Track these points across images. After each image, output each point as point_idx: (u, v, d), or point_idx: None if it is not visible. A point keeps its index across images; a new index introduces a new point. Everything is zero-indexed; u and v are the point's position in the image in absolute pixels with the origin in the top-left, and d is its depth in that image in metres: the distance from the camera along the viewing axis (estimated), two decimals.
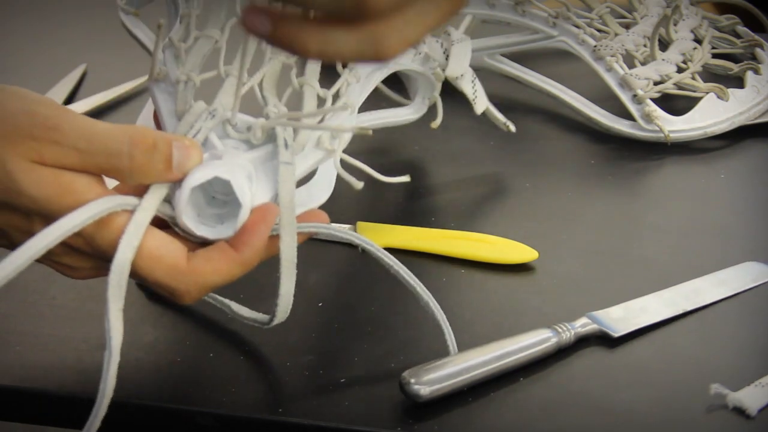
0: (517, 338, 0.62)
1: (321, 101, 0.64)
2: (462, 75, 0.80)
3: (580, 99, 0.93)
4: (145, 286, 0.67)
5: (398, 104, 0.82)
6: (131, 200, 0.54)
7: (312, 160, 0.61)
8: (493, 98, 0.84)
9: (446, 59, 0.79)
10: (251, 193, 0.56)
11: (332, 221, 0.75)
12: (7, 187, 0.53)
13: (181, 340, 0.65)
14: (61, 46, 1.11)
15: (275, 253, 0.57)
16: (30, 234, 0.53)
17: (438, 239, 0.74)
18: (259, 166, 0.58)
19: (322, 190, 0.62)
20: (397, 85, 0.82)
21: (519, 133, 0.85)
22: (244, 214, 0.56)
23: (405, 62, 0.76)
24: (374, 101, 0.76)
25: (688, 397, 0.60)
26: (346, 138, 0.63)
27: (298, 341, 0.66)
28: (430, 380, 0.58)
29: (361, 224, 0.75)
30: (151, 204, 0.55)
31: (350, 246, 0.75)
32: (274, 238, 0.57)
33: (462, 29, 0.81)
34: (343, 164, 0.63)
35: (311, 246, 0.62)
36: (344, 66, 0.67)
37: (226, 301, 0.65)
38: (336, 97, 0.65)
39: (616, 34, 0.94)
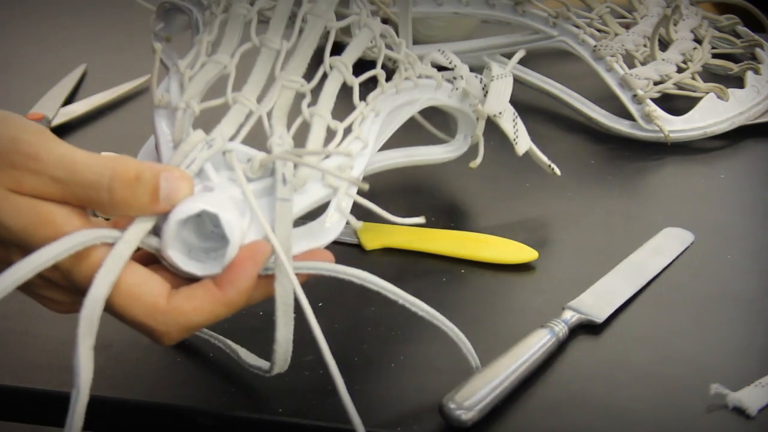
0: (524, 343, 0.62)
1: (332, 134, 0.60)
2: (501, 113, 0.75)
3: (580, 99, 0.93)
4: None
5: (440, 140, 0.77)
6: (113, 233, 0.51)
7: (315, 197, 0.57)
8: None
9: (485, 95, 0.75)
10: (241, 229, 0.52)
11: None
12: None
13: (181, 340, 0.65)
14: (61, 46, 1.11)
15: (270, 294, 0.54)
16: (7, 264, 0.50)
17: (438, 239, 0.74)
18: (257, 199, 0.54)
19: (330, 228, 0.57)
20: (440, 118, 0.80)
21: None
22: (231, 251, 0.52)
23: (441, 98, 0.73)
24: (417, 134, 0.75)
25: (688, 397, 0.60)
26: (355, 174, 0.59)
27: (298, 341, 0.66)
28: (470, 404, 0.58)
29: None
30: (133, 237, 0.51)
31: (350, 246, 0.75)
32: (270, 278, 0.53)
33: (509, 67, 0.77)
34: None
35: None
36: (361, 99, 0.63)
37: (233, 345, 0.63)
38: (348, 131, 0.61)
39: (616, 34, 0.94)
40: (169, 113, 0.58)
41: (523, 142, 0.77)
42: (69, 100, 0.97)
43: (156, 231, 0.52)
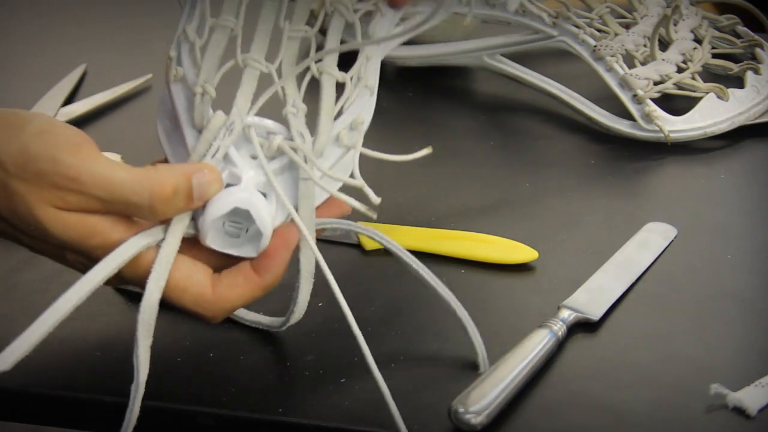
0: (526, 344, 0.62)
1: (340, 86, 0.62)
2: None
3: (580, 99, 0.93)
4: (123, 290, 0.69)
5: None
6: (157, 235, 0.56)
7: (332, 160, 0.60)
8: (493, 98, 0.84)
9: None
10: (271, 218, 0.57)
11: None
12: (37, 228, 0.56)
13: (181, 340, 0.65)
14: (61, 46, 1.11)
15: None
16: (63, 259, 0.58)
17: (438, 239, 0.74)
18: (279, 175, 0.58)
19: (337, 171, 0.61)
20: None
21: (519, 133, 0.85)
22: (265, 241, 0.57)
23: None
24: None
25: (688, 397, 0.60)
26: (364, 130, 0.61)
27: (298, 341, 0.66)
28: (480, 408, 0.58)
29: (361, 224, 0.75)
30: (175, 239, 0.56)
31: (350, 246, 0.75)
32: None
33: None
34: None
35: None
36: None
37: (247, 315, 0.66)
38: (357, 78, 0.63)
39: (616, 34, 0.94)
40: (184, 88, 0.60)
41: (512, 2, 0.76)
42: (69, 100, 0.97)
43: (193, 216, 0.57)
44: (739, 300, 0.69)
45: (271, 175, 0.57)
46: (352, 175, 0.58)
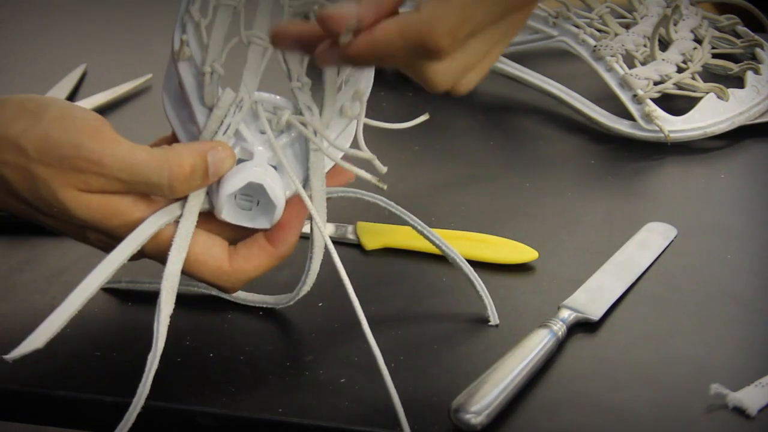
0: (526, 344, 0.62)
1: None
2: None
3: (580, 99, 0.93)
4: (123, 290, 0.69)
5: None
6: (174, 211, 0.59)
7: (338, 130, 0.62)
8: (493, 98, 0.84)
9: None
10: (283, 191, 0.59)
11: (332, 221, 0.75)
12: (60, 210, 0.58)
13: (181, 340, 0.65)
14: (61, 46, 1.11)
15: None
16: (84, 238, 0.60)
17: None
18: (289, 148, 0.61)
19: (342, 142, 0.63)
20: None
21: (519, 133, 0.85)
22: (278, 213, 0.60)
23: None
24: None
25: (688, 397, 0.60)
26: (365, 100, 0.63)
27: (298, 341, 0.66)
28: (480, 408, 0.58)
29: (361, 224, 0.75)
30: (192, 214, 0.59)
31: (350, 246, 0.75)
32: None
33: None
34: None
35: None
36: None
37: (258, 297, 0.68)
38: None
39: (616, 34, 0.94)
40: (192, 66, 0.62)
41: None
42: (69, 100, 0.97)
43: (207, 192, 0.60)
44: (739, 300, 0.69)
45: (279, 150, 0.59)
46: (357, 147, 0.60)
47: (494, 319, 0.66)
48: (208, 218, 0.60)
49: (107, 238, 0.59)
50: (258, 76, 0.61)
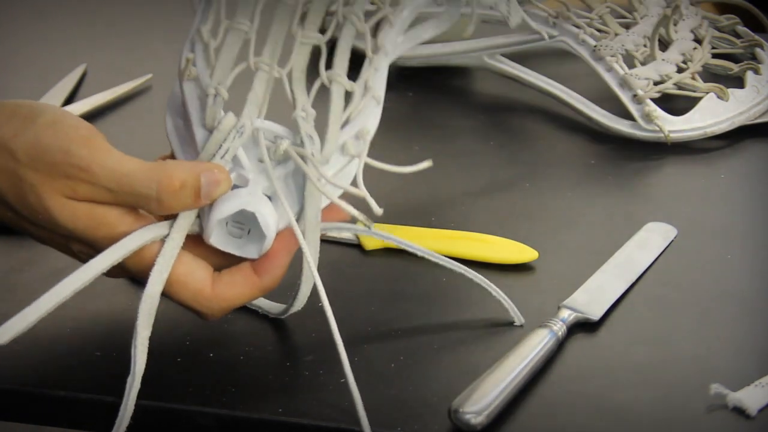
0: (526, 344, 0.62)
1: (349, 95, 0.64)
2: (497, 3, 0.77)
3: (580, 99, 0.93)
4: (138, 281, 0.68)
5: None
6: (161, 230, 0.58)
7: (336, 167, 0.61)
8: (493, 98, 0.84)
9: None
10: (275, 222, 0.58)
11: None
12: (46, 218, 0.57)
13: (181, 340, 0.65)
14: (61, 46, 1.11)
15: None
16: (68, 249, 0.59)
17: (438, 239, 0.74)
18: (286, 179, 0.60)
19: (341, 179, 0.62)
20: None
21: (519, 133, 0.85)
22: (267, 244, 0.59)
23: None
24: None
25: (688, 397, 0.60)
26: (369, 140, 0.62)
27: (298, 341, 0.66)
28: (480, 408, 0.58)
29: (361, 224, 0.75)
30: (179, 234, 0.58)
31: (350, 246, 0.75)
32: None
33: None
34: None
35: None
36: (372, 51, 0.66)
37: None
38: (365, 88, 0.64)
39: (616, 34, 0.94)
40: (197, 87, 0.61)
41: (515, 16, 0.77)
42: (69, 100, 0.97)
43: (198, 215, 0.59)
44: (739, 300, 0.69)
45: (275, 180, 0.58)
46: (355, 184, 0.59)
47: (519, 319, 0.66)
48: (196, 242, 0.59)
49: (91, 250, 0.58)
50: (263, 103, 0.60)
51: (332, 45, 0.64)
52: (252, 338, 0.65)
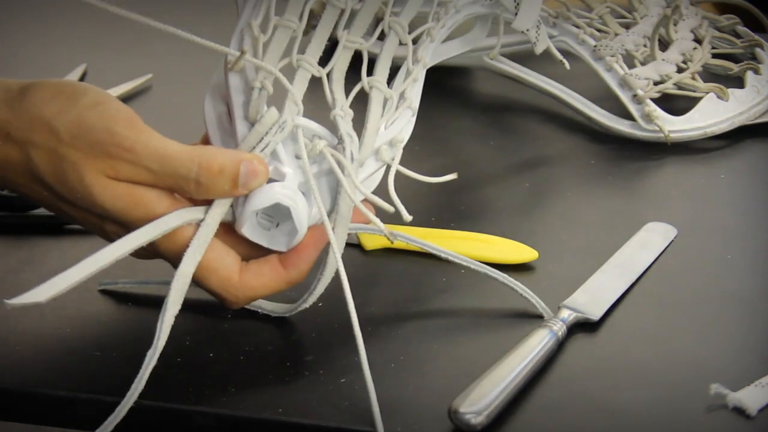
0: (526, 344, 0.62)
1: (385, 102, 0.66)
2: (529, 29, 0.79)
3: (580, 99, 0.93)
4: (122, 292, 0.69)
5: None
6: (197, 214, 0.59)
7: (369, 171, 0.63)
8: (493, 98, 0.84)
9: (516, 12, 0.78)
10: (308, 217, 0.60)
11: None
12: (84, 196, 0.58)
13: (181, 340, 0.65)
14: (61, 46, 1.11)
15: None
16: (101, 230, 0.60)
17: (438, 239, 0.74)
18: (321, 177, 0.61)
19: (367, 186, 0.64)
20: None
21: (519, 133, 0.85)
22: (298, 238, 0.60)
23: (471, 7, 0.76)
24: None
25: (688, 397, 0.60)
26: (401, 148, 0.64)
27: (298, 341, 0.66)
28: (480, 408, 0.58)
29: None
30: (214, 220, 0.59)
31: (350, 246, 0.75)
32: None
33: None
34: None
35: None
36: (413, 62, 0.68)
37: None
38: (401, 97, 0.67)
39: (616, 34, 0.94)
40: (243, 80, 0.62)
41: (542, 43, 0.80)
42: None
43: (232, 204, 0.60)
44: (739, 300, 0.69)
45: (311, 176, 0.59)
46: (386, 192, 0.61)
47: (547, 313, 0.66)
48: (227, 230, 0.60)
49: (124, 231, 0.59)
50: (300, 100, 0.61)
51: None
52: (252, 338, 0.65)
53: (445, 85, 1.01)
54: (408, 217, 0.60)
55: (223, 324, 0.66)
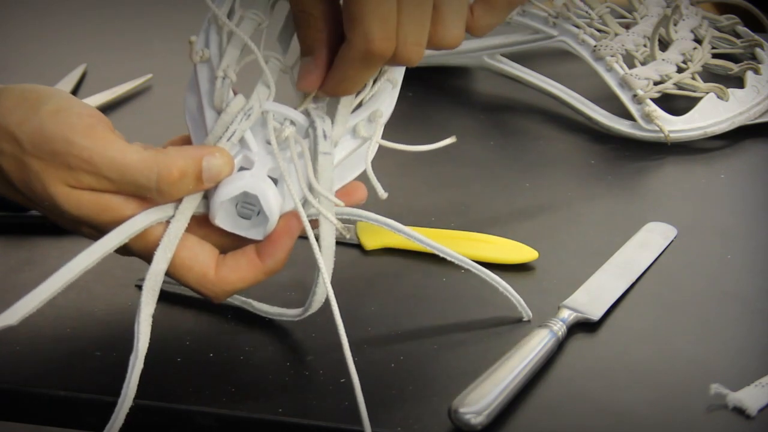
0: (526, 344, 0.62)
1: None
2: None
3: (580, 99, 0.93)
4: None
5: None
6: (167, 211, 0.58)
7: (348, 149, 0.62)
8: (493, 98, 0.84)
9: None
10: (279, 204, 0.59)
11: None
12: (50, 205, 0.58)
13: (181, 340, 0.65)
14: (61, 46, 1.11)
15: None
16: (79, 231, 0.60)
17: (438, 239, 0.74)
18: (293, 162, 0.59)
19: (355, 167, 0.62)
20: None
21: (519, 133, 0.85)
22: (271, 226, 0.59)
23: None
24: None
25: (688, 397, 0.60)
26: (383, 122, 0.63)
27: (298, 341, 0.66)
28: (480, 408, 0.58)
29: (360, 224, 0.75)
30: (184, 216, 0.59)
31: (350, 246, 0.75)
32: (312, 222, 0.59)
33: None
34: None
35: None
36: None
37: (264, 306, 0.67)
38: (380, 71, 0.64)
39: (616, 34, 0.94)
40: (209, 69, 0.61)
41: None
42: None
43: (205, 195, 0.59)
44: (739, 300, 0.69)
45: (281, 161, 0.59)
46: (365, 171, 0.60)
47: (527, 314, 0.66)
48: (202, 222, 0.60)
49: (99, 234, 0.59)
50: (272, 87, 0.60)
51: None
52: (252, 338, 0.65)
53: (445, 85, 1.01)
54: (383, 194, 0.59)
55: (223, 324, 0.66)
